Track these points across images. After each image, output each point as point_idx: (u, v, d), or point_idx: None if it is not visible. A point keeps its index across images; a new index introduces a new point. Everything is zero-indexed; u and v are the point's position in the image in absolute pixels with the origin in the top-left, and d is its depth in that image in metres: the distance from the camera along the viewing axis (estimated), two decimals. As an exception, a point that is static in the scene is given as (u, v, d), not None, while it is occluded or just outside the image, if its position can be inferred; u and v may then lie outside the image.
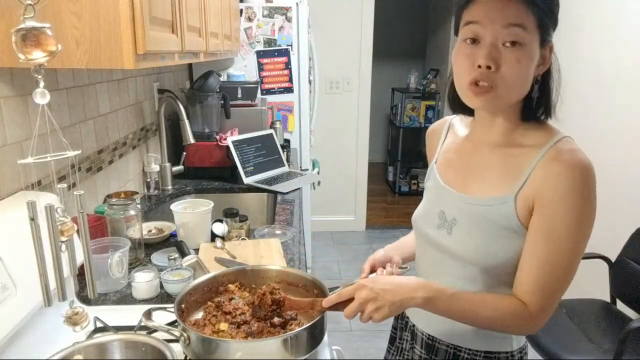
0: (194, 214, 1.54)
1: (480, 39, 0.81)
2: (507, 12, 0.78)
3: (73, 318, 0.81)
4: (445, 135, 1.05)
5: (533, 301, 0.85)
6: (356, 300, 0.87)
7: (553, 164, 0.81)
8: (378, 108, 5.77)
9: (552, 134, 0.86)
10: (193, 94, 2.30)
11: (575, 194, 0.80)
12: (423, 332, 1.03)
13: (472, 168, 0.94)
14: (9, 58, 0.92)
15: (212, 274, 1.10)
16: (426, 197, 1.04)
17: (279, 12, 2.76)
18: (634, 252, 2.06)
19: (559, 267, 0.83)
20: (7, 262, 0.89)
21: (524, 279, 0.85)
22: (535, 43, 0.80)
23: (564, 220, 0.81)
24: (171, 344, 0.89)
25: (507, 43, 0.79)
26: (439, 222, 0.97)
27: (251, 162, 2.18)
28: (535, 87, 0.85)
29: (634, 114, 2.34)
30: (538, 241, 0.83)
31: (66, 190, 0.76)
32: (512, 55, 0.79)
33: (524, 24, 0.78)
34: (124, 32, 0.92)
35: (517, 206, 0.85)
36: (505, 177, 0.87)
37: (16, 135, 1.11)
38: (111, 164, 1.69)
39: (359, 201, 4.26)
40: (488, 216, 0.88)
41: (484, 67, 0.80)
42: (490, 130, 0.92)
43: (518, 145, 0.88)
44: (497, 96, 0.82)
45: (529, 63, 0.80)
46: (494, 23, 0.78)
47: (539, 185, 0.82)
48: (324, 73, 3.85)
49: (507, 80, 0.80)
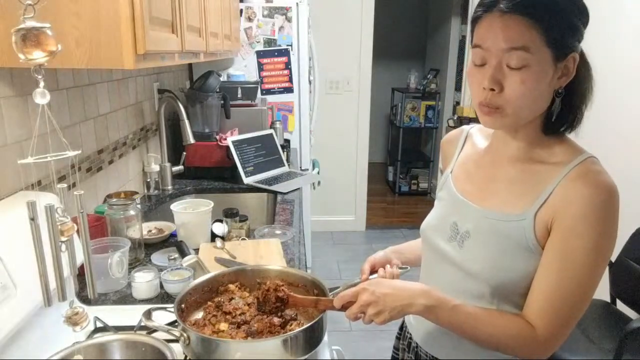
0: (194, 214, 1.54)
1: (486, 62, 0.81)
2: (508, 34, 0.77)
3: (73, 318, 0.81)
4: (463, 145, 1.02)
5: (541, 325, 0.81)
6: (357, 303, 0.86)
7: (577, 183, 0.79)
8: (378, 108, 5.77)
9: (577, 153, 0.84)
10: (193, 94, 2.30)
11: (597, 217, 0.77)
12: (427, 354, 1.00)
13: (490, 181, 0.92)
14: (9, 58, 0.92)
15: (212, 274, 1.10)
16: (438, 206, 1.01)
17: (279, 12, 2.76)
18: (634, 252, 2.06)
19: (573, 291, 0.79)
20: (7, 262, 0.89)
21: (535, 301, 0.82)
22: (544, 61, 0.78)
23: (583, 243, 0.77)
24: (171, 344, 0.89)
25: (510, 66, 0.78)
26: (451, 234, 0.94)
27: (251, 162, 2.18)
28: (557, 100, 0.83)
29: (635, 114, 2.34)
30: (553, 262, 0.80)
31: (66, 190, 0.76)
32: (516, 77, 0.78)
33: (526, 45, 0.76)
34: (124, 32, 0.92)
35: (536, 224, 0.82)
36: (526, 194, 0.85)
37: (16, 135, 1.11)
38: (111, 164, 1.69)
39: (359, 201, 4.26)
40: (504, 231, 0.85)
41: (487, 90, 0.80)
42: (511, 143, 0.89)
43: (541, 162, 0.86)
44: (504, 115, 0.81)
45: (535, 83, 0.78)
46: (497, 46, 0.78)
47: (560, 204, 0.80)
48: (324, 73, 3.85)
49: (511, 102, 0.79)
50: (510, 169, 0.89)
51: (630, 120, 2.37)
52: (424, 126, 5.20)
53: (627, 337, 1.68)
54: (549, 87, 0.81)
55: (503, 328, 0.83)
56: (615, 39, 2.48)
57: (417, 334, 1.04)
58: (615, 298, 2.17)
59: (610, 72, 2.52)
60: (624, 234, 2.13)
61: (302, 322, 1.00)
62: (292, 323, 0.99)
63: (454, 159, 1.02)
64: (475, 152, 0.99)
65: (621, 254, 2.12)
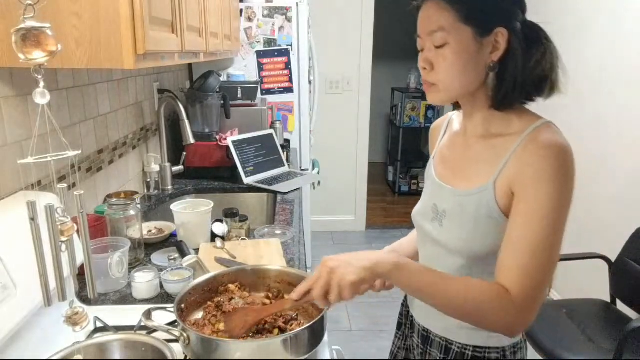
0: (194, 214, 1.53)
1: (423, 48, 0.91)
2: (428, 21, 0.88)
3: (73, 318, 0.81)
4: (444, 131, 1.08)
5: (515, 287, 0.80)
6: (322, 271, 0.83)
7: (529, 147, 0.83)
8: (378, 108, 5.77)
9: (533, 121, 0.87)
10: (193, 94, 2.30)
11: (551, 174, 0.80)
12: (419, 324, 1.06)
13: (460, 161, 0.98)
14: (9, 58, 0.92)
15: (212, 274, 1.10)
16: (424, 192, 1.08)
17: (279, 12, 2.76)
18: (634, 252, 2.06)
19: (538, 250, 0.80)
20: (7, 262, 0.89)
21: (504, 265, 0.83)
22: (464, 37, 0.85)
23: (541, 200, 0.80)
24: (171, 344, 0.89)
25: (435, 45, 0.87)
26: (433, 216, 0.99)
27: (251, 162, 2.18)
28: (490, 74, 0.88)
29: (635, 115, 2.34)
30: (517, 223, 0.82)
31: (66, 190, 0.76)
32: (439, 54, 0.87)
33: (442, 26, 0.85)
34: (124, 32, 0.92)
35: (497, 193, 0.86)
36: (487, 167, 0.90)
37: (16, 135, 1.11)
38: (111, 164, 1.69)
39: (359, 201, 4.26)
40: (472, 206, 0.90)
41: (423, 69, 0.91)
42: (472, 122, 0.96)
43: (500, 135, 0.90)
44: (439, 90, 0.90)
45: (457, 58, 0.85)
46: (424, 33, 0.89)
47: (517, 169, 0.84)
48: (324, 73, 3.85)
49: (440, 76, 0.88)
50: (476, 146, 0.95)
51: (630, 120, 2.37)
52: (424, 126, 5.19)
53: (627, 337, 1.68)
54: (478, 62, 0.86)
55: (478, 289, 0.82)
56: (615, 39, 2.48)
57: (410, 304, 1.10)
58: (615, 298, 2.17)
59: (610, 72, 2.52)
60: (624, 234, 2.13)
61: (302, 322, 1.00)
62: (292, 323, 0.99)
63: (437, 145, 1.09)
64: (451, 137, 1.05)
65: (621, 254, 2.12)
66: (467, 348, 0.97)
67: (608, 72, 2.53)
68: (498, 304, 0.80)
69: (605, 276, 2.19)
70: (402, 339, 1.17)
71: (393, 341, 1.22)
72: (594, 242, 2.59)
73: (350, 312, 3.00)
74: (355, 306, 3.04)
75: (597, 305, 2.18)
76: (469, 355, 0.97)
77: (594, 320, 2.07)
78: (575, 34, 2.78)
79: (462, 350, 0.98)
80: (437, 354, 1.01)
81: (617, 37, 2.46)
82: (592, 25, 2.65)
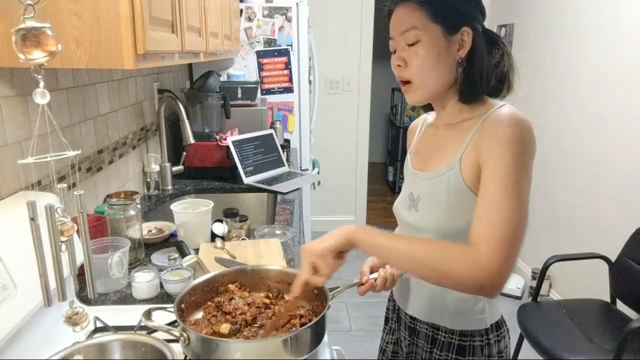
0: (194, 214, 1.54)
1: (395, 48, 0.97)
2: (401, 22, 0.94)
3: (73, 318, 0.81)
4: (421, 128, 1.16)
5: (480, 239, 0.82)
6: (302, 255, 0.91)
7: (490, 122, 0.90)
8: (378, 108, 5.78)
9: (495, 105, 0.94)
10: (193, 94, 2.30)
11: (506, 139, 0.85)
12: (406, 315, 1.11)
13: (431, 149, 1.05)
14: (9, 58, 0.92)
15: (212, 274, 1.10)
16: (403, 186, 1.13)
17: (279, 12, 2.76)
18: (634, 252, 2.06)
19: (503, 204, 0.83)
20: (7, 262, 0.89)
21: (473, 223, 0.86)
22: (434, 35, 0.92)
23: (500, 162, 0.84)
24: (171, 344, 0.89)
25: (408, 43, 0.94)
26: (409, 204, 1.05)
27: (251, 162, 2.18)
28: (459, 69, 0.94)
29: (635, 115, 2.34)
30: (482, 188, 0.87)
31: (66, 190, 0.76)
32: (413, 51, 0.93)
33: (414, 25, 0.92)
34: (124, 32, 0.92)
35: (462, 169, 0.92)
36: (453, 148, 0.96)
37: (16, 135, 1.11)
38: (111, 164, 1.69)
39: (359, 201, 4.26)
40: (442, 186, 0.96)
41: (397, 66, 0.97)
42: (444, 114, 1.02)
43: (465, 120, 0.97)
44: (415, 88, 0.96)
45: (429, 53, 0.92)
46: (397, 33, 0.96)
47: (479, 144, 0.90)
48: (324, 73, 3.85)
49: (414, 71, 0.94)
50: (444, 132, 1.02)
51: (630, 120, 2.37)
52: (424, 126, 5.19)
53: (627, 337, 1.68)
54: (448, 57, 0.93)
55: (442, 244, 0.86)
56: (615, 39, 2.48)
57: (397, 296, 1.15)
58: (615, 298, 2.17)
59: (610, 72, 2.52)
60: (624, 234, 2.13)
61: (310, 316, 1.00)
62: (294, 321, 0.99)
63: (413, 141, 1.15)
64: (424, 130, 1.13)
65: (621, 254, 2.12)
66: (453, 338, 1.02)
67: (608, 72, 2.53)
68: (463, 256, 0.82)
69: (605, 276, 2.19)
70: (390, 334, 1.21)
71: (382, 336, 1.25)
72: (594, 242, 2.59)
73: (350, 312, 3.00)
74: (355, 306, 3.04)
75: (597, 305, 2.18)
76: (454, 345, 1.02)
77: (594, 320, 2.07)
78: (576, 33, 2.78)
79: (449, 339, 1.02)
80: (424, 344, 1.07)
81: (617, 37, 2.46)
82: (592, 25, 2.65)
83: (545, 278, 2.31)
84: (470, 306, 1.01)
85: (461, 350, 1.02)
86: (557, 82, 2.96)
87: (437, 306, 1.04)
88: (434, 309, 1.05)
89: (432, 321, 1.05)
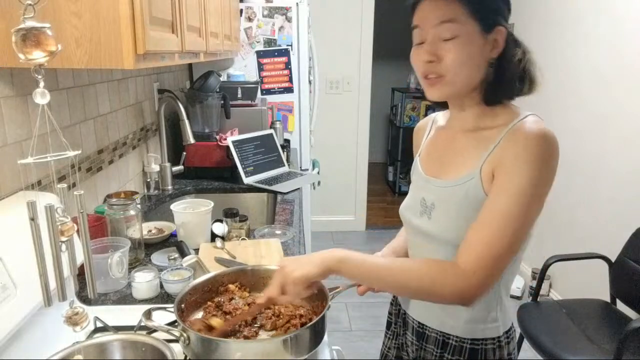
0: (194, 214, 1.53)
1: (424, 40, 0.91)
2: (438, 12, 0.88)
3: (73, 318, 0.81)
4: (429, 130, 1.12)
5: (465, 258, 0.84)
6: (276, 272, 0.92)
7: (514, 135, 0.86)
8: (378, 108, 5.77)
9: (519, 114, 0.91)
10: (193, 94, 2.30)
11: (529, 158, 0.82)
12: (414, 320, 1.06)
13: (447, 155, 1.00)
14: (9, 58, 0.92)
15: (212, 274, 1.10)
16: (411, 189, 1.09)
17: (279, 12, 2.76)
18: (634, 252, 2.06)
19: (500, 221, 0.83)
20: (7, 262, 0.89)
21: (466, 236, 0.86)
22: (472, 31, 0.87)
23: (513, 179, 0.82)
24: (171, 344, 0.89)
25: (443, 38, 0.88)
26: (421, 210, 1.01)
27: (251, 162, 2.18)
28: (490, 70, 0.91)
29: (635, 115, 2.34)
30: (488, 202, 0.86)
31: (66, 190, 0.76)
32: (450, 46, 0.87)
33: (454, 18, 0.86)
34: (124, 32, 0.92)
35: (482, 179, 0.89)
36: (473, 157, 0.92)
37: (16, 135, 1.11)
38: (111, 164, 1.69)
39: (359, 201, 4.26)
40: (460, 195, 0.92)
41: (428, 62, 0.90)
42: (462, 117, 0.98)
43: (486, 128, 0.93)
44: (445, 83, 0.90)
45: (465, 49, 0.87)
46: (430, 24, 0.89)
47: (500, 155, 0.86)
48: (324, 73, 3.85)
49: (449, 68, 0.88)
50: (463, 139, 0.97)
51: (630, 120, 2.37)
52: (424, 126, 5.19)
53: (627, 337, 1.68)
54: (481, 57, 0.89)
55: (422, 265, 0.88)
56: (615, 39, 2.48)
57: (402, 301, 1.12)
58: (615, 298, 2.17)
59: (610, 72, 2.52)
60: (624, 234, 2.13)
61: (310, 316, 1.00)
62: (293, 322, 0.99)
63: (422, 143, 1.12)
64: (436, 134, 1.08)
65: (621, 254, 2.12)
66: (465, 341, 0.98)
67: (608, 72, 2.53)
68: (443, 275, 0.85)
69: (605, 276, 2.19)
70: (393, 338, 1.18)
71: (383, 341, 1.23)
72: (594, 242, 2.59)
73: (350, 312, 3.00)
74: (355, 306, 3.04)
75: (597, 305, 2.18)
76: (466, 349, 0.98)
77: (594, 320, 2.07)
78: (575, 34, 2.78)
79: (460, 343, 0.99)
80: (434, 349, 1.02)
81: (617, 37, 2.46)
82: (593, 25, 2.65)
83: (545, 278, 2.30)
84: (484, 316, 0.97)
85: (473, 353, 0.98)
86: (557, 82, 2.96)
87: (449, 315, 0.99)
88: (445, 319, 1.00)
89: (443, 330, 1.00)
